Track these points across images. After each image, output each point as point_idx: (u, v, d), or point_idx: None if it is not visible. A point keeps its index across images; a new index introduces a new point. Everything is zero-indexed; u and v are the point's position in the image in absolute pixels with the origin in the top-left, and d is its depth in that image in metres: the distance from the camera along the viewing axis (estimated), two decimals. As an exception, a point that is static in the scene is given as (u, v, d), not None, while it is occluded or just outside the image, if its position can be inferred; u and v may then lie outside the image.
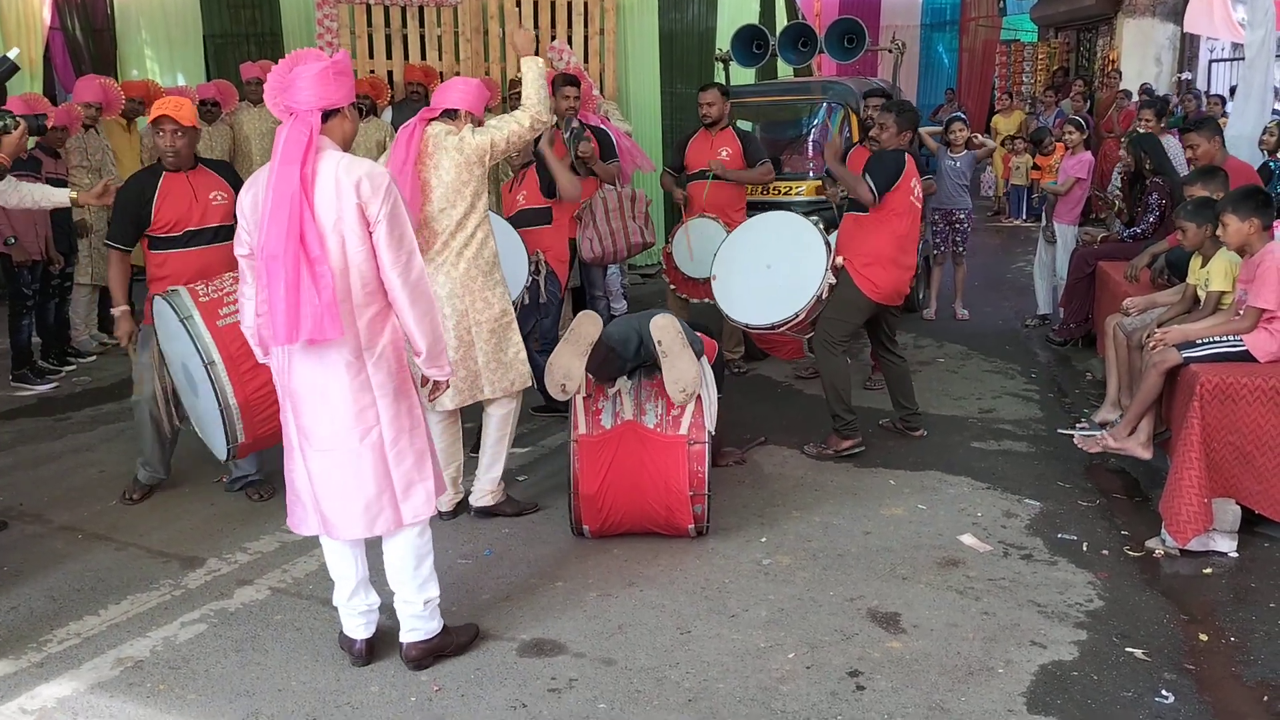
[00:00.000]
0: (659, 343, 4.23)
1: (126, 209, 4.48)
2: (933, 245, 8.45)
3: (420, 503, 3.27)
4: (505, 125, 4.29)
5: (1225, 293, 4.67)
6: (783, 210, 5.99)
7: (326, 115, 3.12)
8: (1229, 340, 4.33)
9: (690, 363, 4.18)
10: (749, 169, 6.51)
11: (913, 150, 5.78)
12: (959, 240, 8.38)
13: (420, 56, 9.86)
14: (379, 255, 3.09)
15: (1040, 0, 19.99)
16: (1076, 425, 5.60)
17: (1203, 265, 4.91)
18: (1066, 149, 8.20)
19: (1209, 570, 4.07)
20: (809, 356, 5.82)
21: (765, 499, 4.80)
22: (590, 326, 4.33)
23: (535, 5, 9.86)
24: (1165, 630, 3.62)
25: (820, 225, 5.51)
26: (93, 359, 7.46)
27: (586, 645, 3.55)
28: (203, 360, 4.10)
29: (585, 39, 9.96)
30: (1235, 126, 8.56)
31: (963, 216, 8.33)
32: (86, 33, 10.12)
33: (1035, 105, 15.29)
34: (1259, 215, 4.33)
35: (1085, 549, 4.25)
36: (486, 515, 4.61)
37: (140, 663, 3.48)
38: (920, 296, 8.51)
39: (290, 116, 3.08)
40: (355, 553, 3.39)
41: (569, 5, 9.90)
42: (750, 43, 8.45)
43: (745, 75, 9.58)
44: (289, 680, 3.37)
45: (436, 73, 9.64)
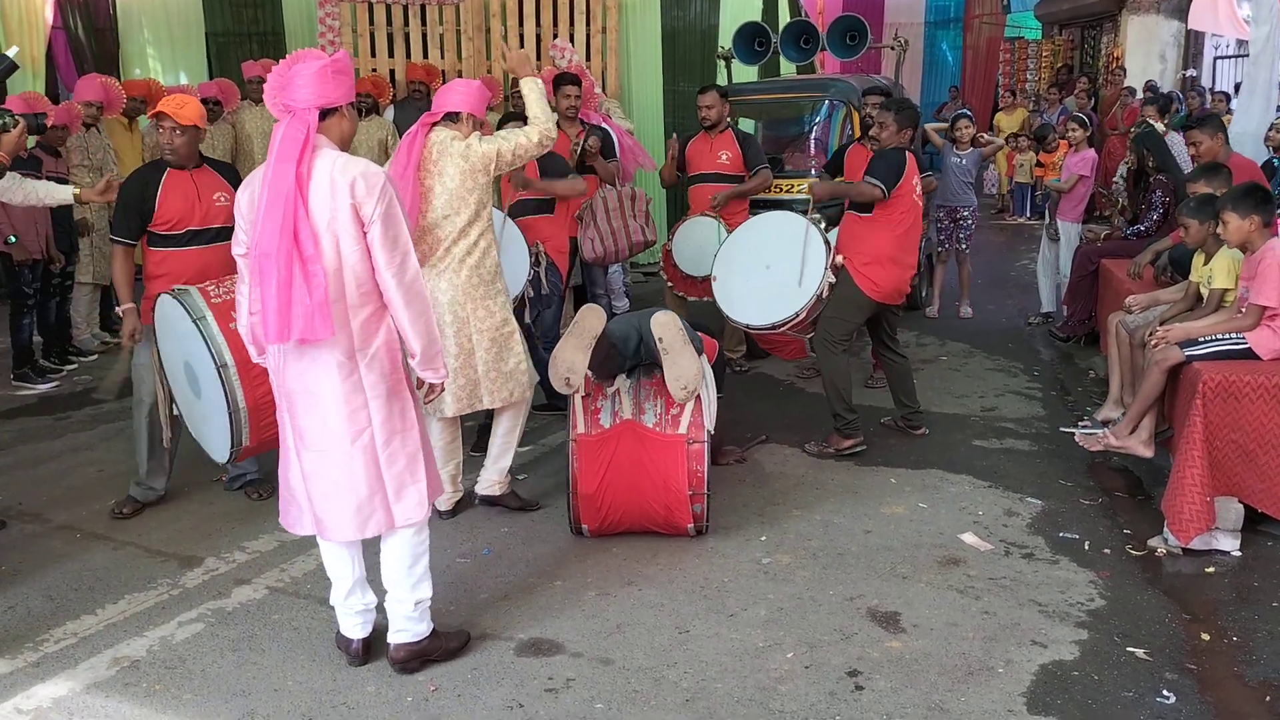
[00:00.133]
0: (660, 340, 4.21)
1: (130, 202, 4.43)
2: (937, 243, 8.43)
3: (412, 505, 3.24)
4: (513, 138, 4.28)
5: (1228, 290, 4.64)
6: (783, 210, 5.96)
7: (324, 114, 3.09)
8: (1231, 338, 4.30)
9: (691, 360, 4.16)
10: (746, 180, 6.50)
11: (915, 148, 5.76)
12: (963, 238, 8.36)
13: (422, 55, 9.84)
14: (373, 255, 3.06)
15: (1044, -3, 19.92)
16: (1079, 423, 5.58)
17: (1206, 262, 4.88)
18: (1070, 146, 8.17)
19: (1211, 569, 4.05)
20: (811, 356, 5.79)
21: (766, 498, 4.78)
22: (594, 320, 4.31)
23: (537, 4, 9.83)
24: (1167, 630, 3.59)
25: (822, 224, 5.48)
26: (94, 358, 7.46)
27: (584, 645, 3.53)
28: (215, 362, 4.03)
29: (587, 37, 9.93)
30: (1240, 123, 8.54)
31: (967, 214, 8.31)
32: (89, 32, 10.13)
33: (1039, 103, 15.23)
34: (1259, 212, 4.30)
35: (1087, 548, 4.22)
36: (490, 504, 4.61)
37: (136, 662, 3.47)
38: (923, 294, 8.49)
39: (288, 114, 3.06)
40: (352, 552, 3.37)
41: (571, 4, 9.87)
42: (752, 40, 8.44)
43: (748, 73, 9.56)
44: (285, 680, 3.36)
45: (438, 71, 9.63)
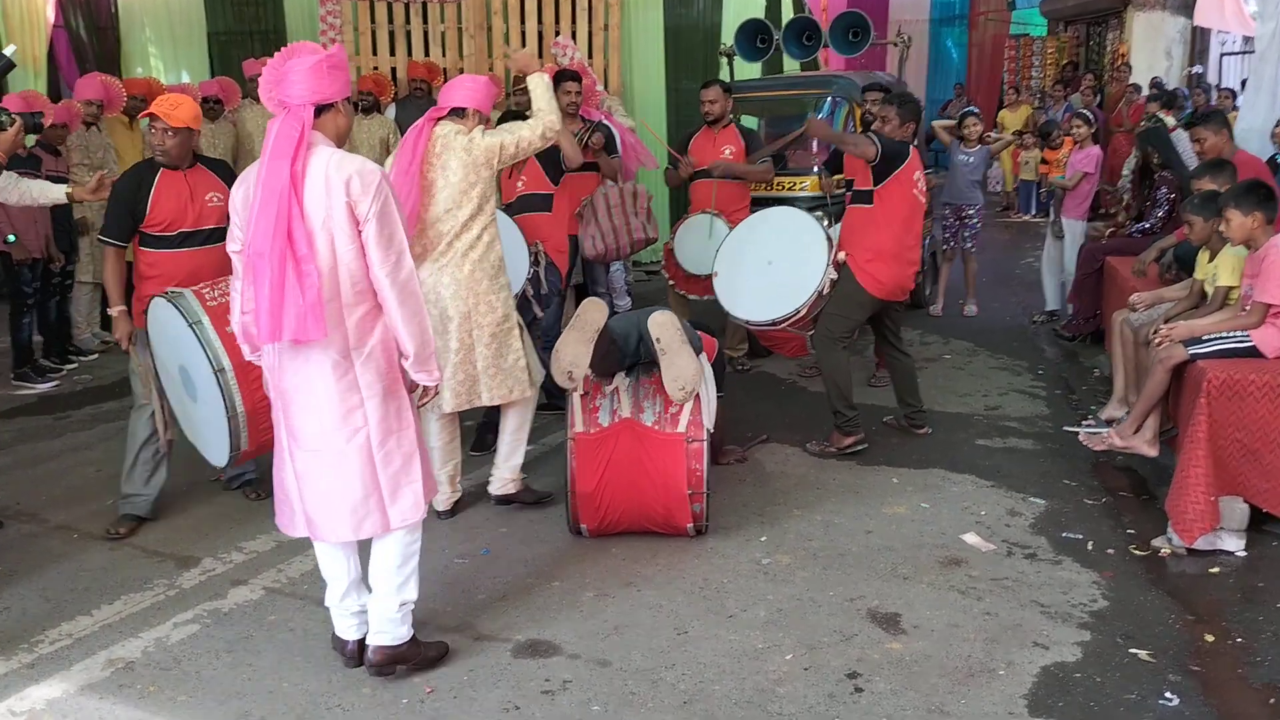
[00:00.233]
0: (657, 340, 4.17)
1: (122, 202, 4.35)
2: (942, 241, 8.38)
3: (408, 506, 3.21)
4: (517, 130, 4.26)
5: (1233, 288, 4.60)
6: (785, 206, 5.93)
7: (320, 110, 3.05)
8: (1236, 336, 4.26)
9: (689, 360, 4.13)
10: (750, 165, 6.46)
11: (919, 144, 5.71)
12: (969, 236, 8.31)
13: (424, 53, 9.81)
14: (367, 254, 3.02)
15: (1050, -6, 19.83)
16: (1083, 422, 5.54)
17: (1210, 260, 4.84)
18: (1075, 143, 8.12)
19: (1216, 569, 4.01)
20: (812, 354, 5.76)
21: (766, 497, 4.74)
22: (596, 313, 4.28)
23: (539, 1, 9.80)
24: (1170, 631, 3.55)
25: (824, 221, 5.45)
26: (94, 357, 7.45)
27: (582, 646, 3.50)
28: (212, 367, 3.98)
29: (589, 35, 9.89)
30: (1246, 120, 8.45)
31: (973, 212, 8.26)
32: (90, 30, 10.09)
33: (1044, 100, 15.15)
34: (1262, 209, 4.26)
35: (1090, 548, 4.19)
36: (506, 503, 4.60)
37: (131, 664, 3.45)
38: (927, 292, 8.45)
39: (283, 110, 3.02)
40: (347, 553, 3.34)
41: (573, 1, 9.84)
42: (754, 37, 8.39)
43: (751, 70, 9.51)
44: (280, 682, 3.34)
45: (440, 69, 9.59)
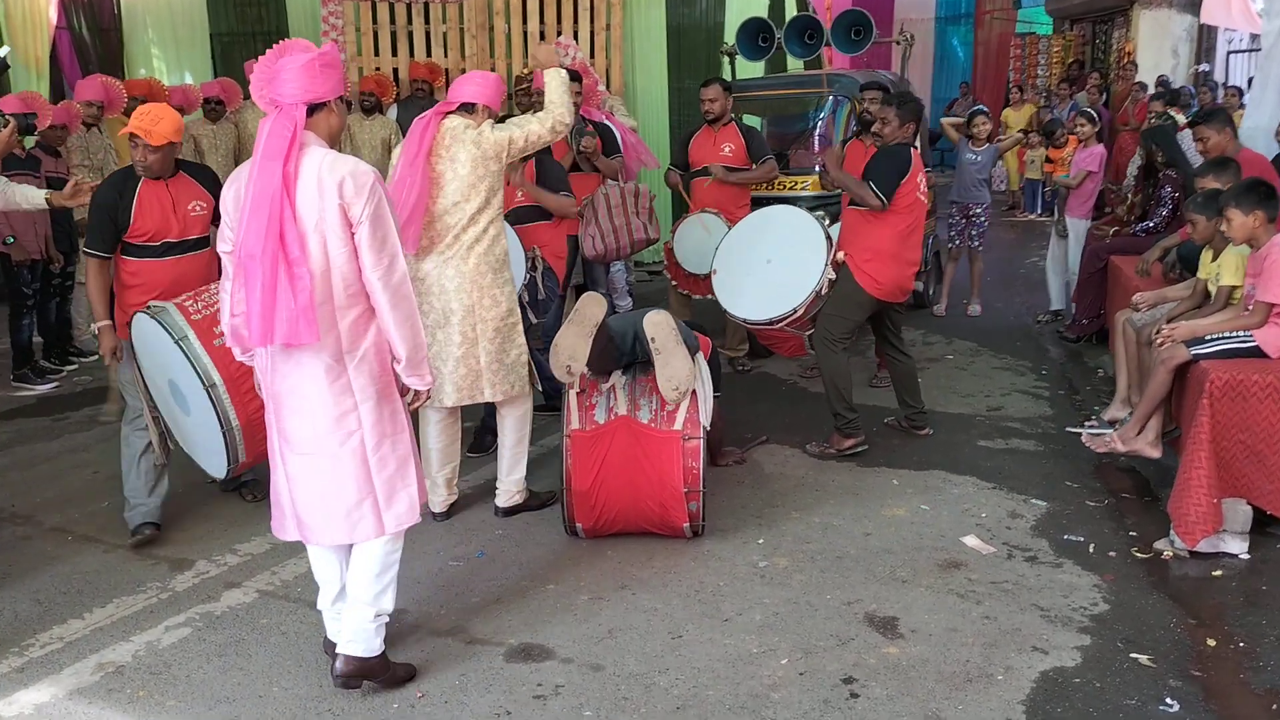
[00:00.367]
0: (652, 340, 4.14)
1: (104, 213, 4.18)
2: (948, 240, 8.34)
3: (403, 510, 3.17)
4: (526, 124, 4.24)
5: (1236, 287, 4.54)
6: (786, 205, 5.89)
7: (312, 109, 3.00)
8: (1239, 336, 4.21)
9: (684, 360, 4.09)
10: (751, 167, 6.42)
11: (923, 144, 5.66)
12: (976, 235, 8.26)
13: (426, 53, 9.78)
14: (360, 257, 2.98)
15: (1056, -8, 19.75)
16: (1085, 423, 5.49)
17: (1214, 259, 4.79)
18: (1079, 142, 8.06)
19: (1218, 572, 3.96)
20: (810, 354, 5.73)
21: (764, 499, 4.70)
22: (595, 308, 4.25)
23: (541, 1, 9.77)
24: (1172, 635, 3.51)
25: (825, 220, 5.40)
26: (94, 358, 7.39)
27: (575, 650, 3.47)
28: (203, 383, 3.92)
29: (591, 34, 9.86)
30: (1252, 118, 8.38)
31: (980, 211, 8.21)
32: (93, 32, 10.12)
33: (1050, 98, 15.07)
34: (1263, 208, 4.20)
35: (1091, 550, 4.14)
36: (513, 513, 4.57)
37: (121, 668, 3.42)
38: (930, 292, 8.40)
39: (275, 109, 2.98)
40: (340, 557, 3.31)
41: (575, 0, 9.81)
42: (756, 36, 8.34)
43: (754, 69, 9.47)
44: (270, 686, 3.31)
45: (442, 70, 9.57)
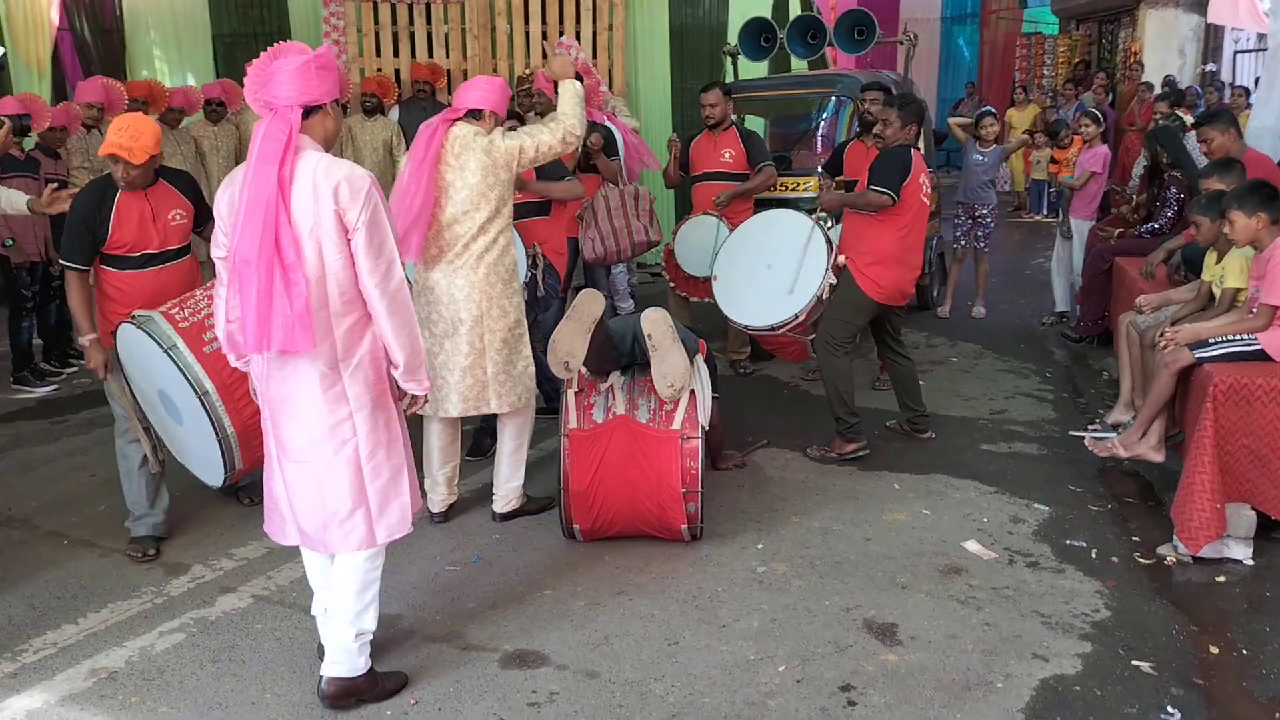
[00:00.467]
0: (649, 337, 4.11)
1: (81, 224, 4.06)
2: (954, 241, 8.30)
3: (395, 520, 3.14)
4: (537, 134, 4.19)
5: (1240, 290, 4.49)
6: (786, 208, 5.86)
7: (307, 112, 2.96)
8: (1243, 339, 4.16)
9: (680, 358, 4.06)
10: (750, 179, 6.39)
11: (927, 144, 5.63)
12: (982, 236, 8.22)
13: (427, 54, 9.77)
14: (357, 263, 2.94)
15: (1062, -8, 19.67)
16: (1088, 427, 5.44)
17: (1218, 261, 4.74)
18: (1084, 143, 8.01)
19: (1222, 578, 3.92)
20: (813, 357, 5.69)
21: (764, 503, 4.67)
22: (593, 305, 4.21)
23: (543, 1, 9.75)
24: (1174, 642, 3.47)
25: (827, 223, 5.37)
26: (95, 361, 7.42)
27: (570, 657, 3.44)
28: (195, 391, 3.87)
29: (594, 34, 9.85)
30: (1259, 118, 8.32)
31: (986, 213, 8.17)
32: (95, 33, 10.12)
33: (1056, 98, 15.00)
34: (1266, 209, 4.14)
35: (1094, 556, 4.10)
36: (509, 519, 4.54)
37: (114, 674, 3.40)
38: (934, 294, 8.36)
39: (270, 112, 2.93)
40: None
41: (577, 1, 9.79)
42: (759, 36, 8.31)
43: (758, 70, 9.43)
44: (264, 693, 3.28)
45: (443, 71, 9.57)
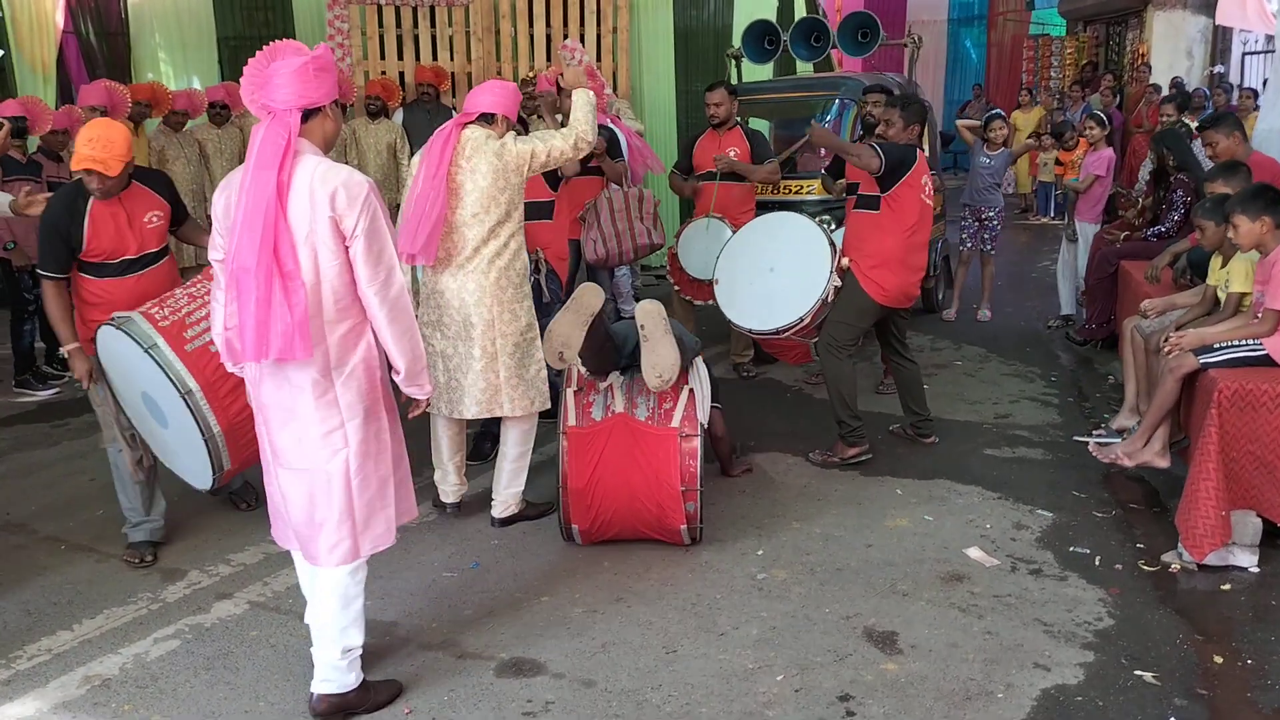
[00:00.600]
0: (641, 326, 4.08)
1: (54, 232, 3.95)
2: (960, 243, 8.26)
3: (380, 532, 3.11)
4: (549, 139, 4.17)
5: (1246, 294, 4.44)
6: (789, 211, 5.82)
7: (306, 115, 2.92)
8: (1248, 344, 4.10)
9: (670, 349, 4.03)
10: (754, 166, 6.37)
11: (932, 147, 5.59)
12: (988, 238, 8.18)
13: (432, 57, 9.76)
14: (356, 271, 2.90)
15: (1069, -6, 19.60)
16: (1093, 432, 5.40)
17: (1223, 265, 4.69)
18: (1090, 145, 7.97)
19: (1227, 586, 3.87)
20: (816, 360, 5.66)
21: (765, 509, 4.63)
22: (593, 298, 4.17)
23: (547, 4, 9.74)
24: (1178, 651, 3.43)
25: (830, 226, 5.34)
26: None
27: (567, 665, 3.41)
28: (178, 390, 3.78)
29: (598, 37, 9.83)
30: (1267, 120, 8.26)
31: (993, 215, 8.13)
32: (100, 36, 10.10)
33: (1063, 100, 14.95)
34: (1270, 213, 4.09)
35: (1098, 563, 4.06)
36: (508, 524, 4.52)
37: (108, 681, 3.37)
38: (940, 296, 8.32)
39: (268, 115, 2.89)
40: (328, 569, 3.26)
41: (581, 3, 9.77)
42: (762, 39, 8.28)
43: (763, 72, 9.40)
44: (257, 701, 3.26)
45: (448, 73, 9.55)
